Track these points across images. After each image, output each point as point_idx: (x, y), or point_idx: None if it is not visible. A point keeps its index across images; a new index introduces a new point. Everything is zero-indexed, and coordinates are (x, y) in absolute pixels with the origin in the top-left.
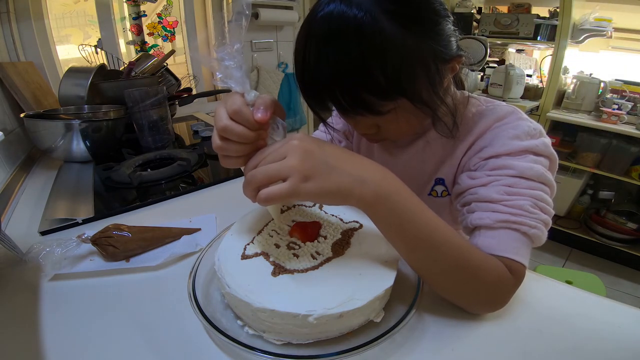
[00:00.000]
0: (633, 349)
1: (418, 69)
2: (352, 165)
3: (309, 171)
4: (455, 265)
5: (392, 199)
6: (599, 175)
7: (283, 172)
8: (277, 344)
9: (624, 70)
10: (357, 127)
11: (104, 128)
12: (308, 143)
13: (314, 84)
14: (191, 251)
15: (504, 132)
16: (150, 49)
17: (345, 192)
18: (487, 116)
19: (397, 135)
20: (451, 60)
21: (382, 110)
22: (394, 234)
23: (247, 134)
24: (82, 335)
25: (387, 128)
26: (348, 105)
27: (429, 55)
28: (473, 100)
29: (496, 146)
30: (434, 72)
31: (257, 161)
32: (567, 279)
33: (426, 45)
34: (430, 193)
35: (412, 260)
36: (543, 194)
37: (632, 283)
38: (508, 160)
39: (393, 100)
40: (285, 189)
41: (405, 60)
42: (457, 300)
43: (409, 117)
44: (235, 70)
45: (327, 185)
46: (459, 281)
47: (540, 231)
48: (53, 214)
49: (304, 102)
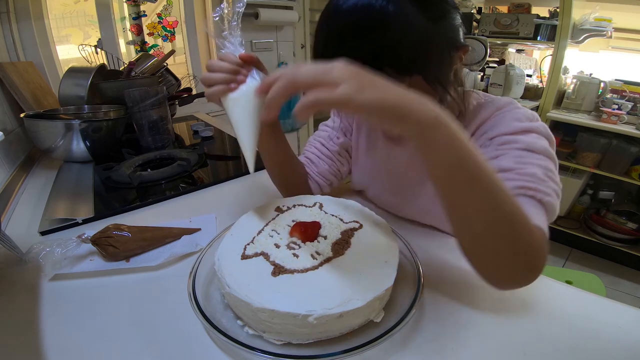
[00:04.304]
0: (633, 349)
1: (433, 50)
2: (404, 89)
3: (365, 81)
4: (507, 217)
5: (452, 127)
6: (599, 175)
7: (335, 75)
8: (277, 344)
9: (624, 70)
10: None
11: (104, 128)
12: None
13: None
14: (191, 251)
15: (506, 117)
16: (150, 49)
17: (405, 109)
18: (488, 107)
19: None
20: (460, 48)
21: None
22: (449, 170)
23: (227, 66)
24: (82, 335)
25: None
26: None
27: (442, 39)
28: (473, 94)
29: (500, 128)
30: (446, 55)
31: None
32: (567, 279)
33: (441, 30)
34: None
35: (462, 207)
36: (551, 166)
37: (632, 283)
38: (513, 136)
39: (410, 76)
40: (338, 94)
41: (424, 41)
42: (495, 264)
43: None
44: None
45: (385, 98)
46: (507, 237)
47: (553, 199)
48: (53, 214)
49: None
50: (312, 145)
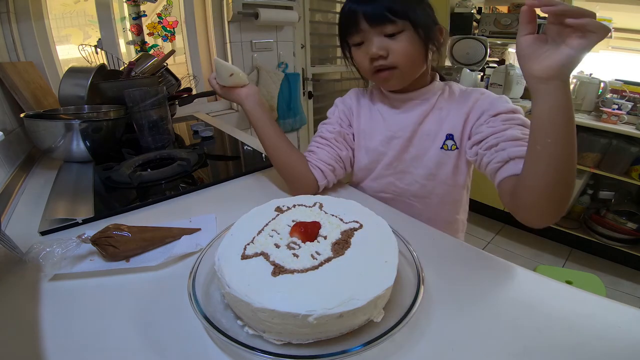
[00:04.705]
0: (633, 349)
1: (420, 10)
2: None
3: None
4: (573, 157)
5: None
6: (599, 175)
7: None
8: (277, 344)
9: (624, 70)
10: (372, 48)
11: (104, 128)
12: None
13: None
14: (191, 251)
15: (497, 100)
16: (150, 49)
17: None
18: (472, 93)
19: (402, 61)
20: (437, 25)
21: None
22: (565, 117)
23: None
24: (82, 335)
25: (394, 50)
26: (378, 14)
27: (427, 8)
28: (455, 83)
29: (499, 107)
30: (430, 22)
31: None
32: (567, 279)
33: (425, 4)
34: (442, 147)
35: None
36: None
37: (632, 283)
38: (511, 114)
39: (402, 20)
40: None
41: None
42: (555, 196)
43: (410, 47)
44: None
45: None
46: (569, 174)
47: None
48: (53, 214)
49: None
50: (313, 141)
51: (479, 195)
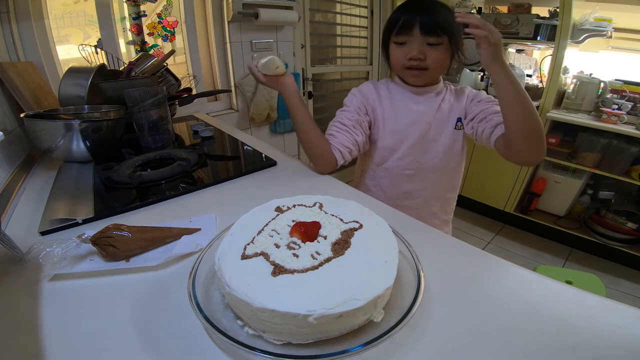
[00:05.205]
0: (633, 349)
1: (456, 26)
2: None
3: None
4: (534, 111)
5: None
6: (599, 175)
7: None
8: (277, 344)
9: (624, 70)
10: (414, 50)
11: (104, 128)
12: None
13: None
14: (191, 251)
15: (475, 91)
16: (150, 49)
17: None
18: (463, 89)
19: (433, 65)
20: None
21: (438, 39)
22: (509, 82)
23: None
24: (82, 335)
25: (431, 56)
26: (430, 27)
27: (459, 27)
28: (448, 83)
29: (479, 96)
30: (461, 39)
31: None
32: (567, 279)
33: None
34: (455, 127)
35: (518, 100)
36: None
37: (632, 283)
38: (488, 97)
39: (444, 35)
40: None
41: (452, 20)
42: (528, 142)
43: (443, 56)
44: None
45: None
46: (536, 120)
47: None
48: (53, 214)
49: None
50: (333, 125)
51: (479, 195)
